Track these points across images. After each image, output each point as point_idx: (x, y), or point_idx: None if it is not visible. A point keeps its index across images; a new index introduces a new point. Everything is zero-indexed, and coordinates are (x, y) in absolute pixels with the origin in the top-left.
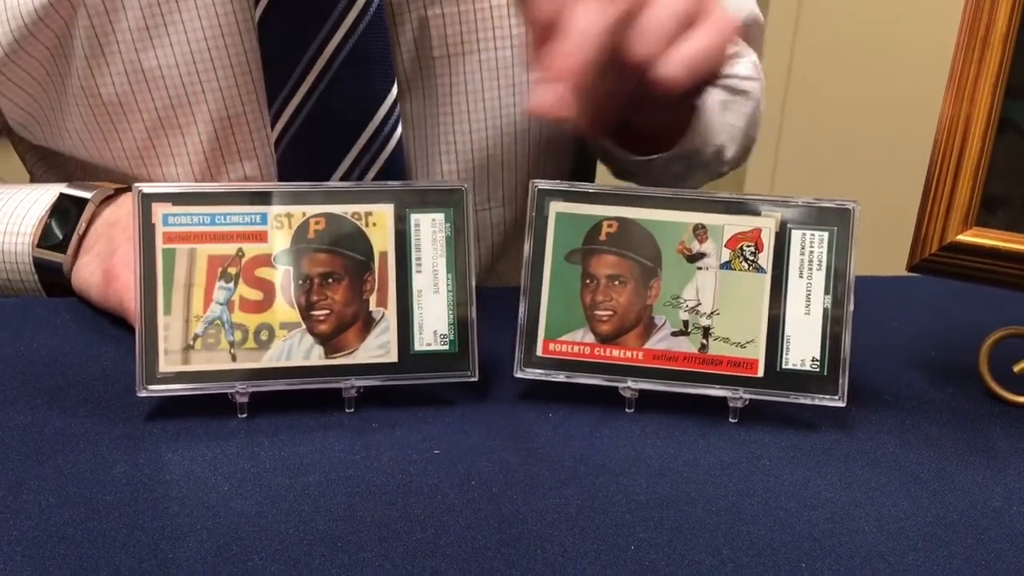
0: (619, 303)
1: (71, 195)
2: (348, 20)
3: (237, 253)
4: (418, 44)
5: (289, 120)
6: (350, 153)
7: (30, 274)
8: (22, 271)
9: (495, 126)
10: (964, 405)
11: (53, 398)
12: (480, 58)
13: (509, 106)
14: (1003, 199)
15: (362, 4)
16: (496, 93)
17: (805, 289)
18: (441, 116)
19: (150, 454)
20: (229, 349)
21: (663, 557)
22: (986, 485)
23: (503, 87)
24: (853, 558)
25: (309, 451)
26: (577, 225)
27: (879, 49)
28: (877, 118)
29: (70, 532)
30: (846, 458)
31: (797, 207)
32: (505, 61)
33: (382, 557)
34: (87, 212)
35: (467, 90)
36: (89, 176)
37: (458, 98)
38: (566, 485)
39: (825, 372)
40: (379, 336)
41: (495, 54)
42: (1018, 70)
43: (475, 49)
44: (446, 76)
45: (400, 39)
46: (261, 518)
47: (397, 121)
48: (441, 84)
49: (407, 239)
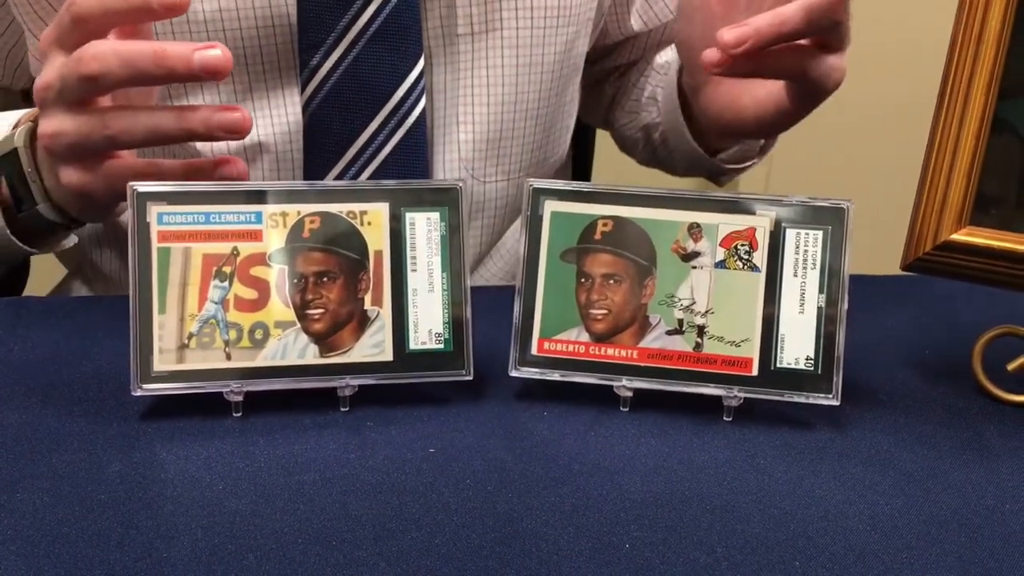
0: (614, 302)
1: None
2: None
3: (232, 252)
4: (444, 22)
5: (320, 84)
6: (375, 119)
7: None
8: None
9: (510, 101)
10: (958, 404)
11: (47, 397)
12: (503, 35)
13: (524, 83)
14: (997, 198)
15: None
16: (514, 70)
17: (799, 288)
18: (462, 89)
19: (145, 453)
20: (224, 348)
21: (658, 555)
22: (979, 483)
23: (520, 64)
24: (847, 556)
25: (304, 450)
26: (572, 224)
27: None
28: (871, 117)
29: (64, 531)
30: (840, 456)
31: (791, 206)
32: (524, 40)
33: (377, 556)
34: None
35: (487, 65)
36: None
37: (479, 72)
38: (561, 484)
39: (819, 371)
40: (374, 335)
41: (516, 33)
42: (1012, 70)
43: (498, 28)
44: (469, 52)
45: (428, 15)
46: (256, 517)
47: (422, 92)
48: (464, 59)
49: (402, 238)
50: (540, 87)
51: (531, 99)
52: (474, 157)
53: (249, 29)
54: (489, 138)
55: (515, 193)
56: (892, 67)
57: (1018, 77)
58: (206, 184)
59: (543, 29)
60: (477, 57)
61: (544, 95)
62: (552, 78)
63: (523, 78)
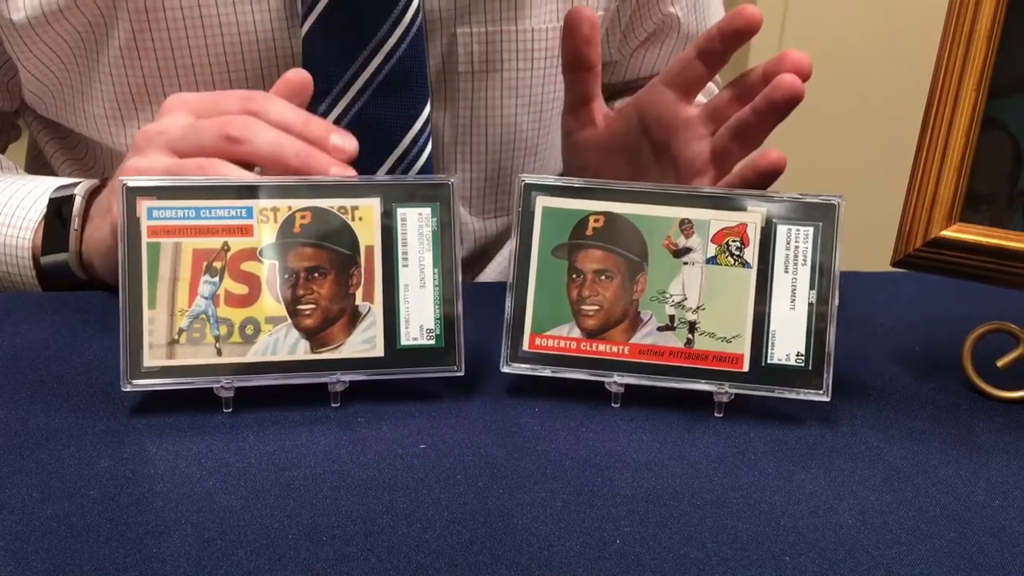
0: (605, 298)
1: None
2: (391, 41)
3: (223, 247)
4: (445, 59)
5: None
6: (383, 166)
7: (29, 271)
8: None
9: (509, 141)
10: (948, 400)
11: (36, 393)
12: (502, 77)
13: (524, 122)
14: (987, 195)
15: (405, 25)
16: (514, 110)
17: (790, 284)
18: (461, 128)
19: (134, 449)
20: (214, 343)
21: (648, 551)
22: (969, 479)
23: (520, 104)
24: (837, 551)
25: (294, 446)
26: (563, 220)
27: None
28: (862, 114)
29: (53, 527)
30: (830, 452)
31: (782, 202)
32: (524, 82)
33: (367, 551)
34: (78, 206)
35: (487, 106)
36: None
37: (478, 112)
38: (552, 479)
39: (810, 367)
40: (365, 331)
41: (516, 75)
42: (1002, 68)
43: (498, 69)
44: (469, 91)
45: (430, 52)
46: (246, 513)
47: (428, 137)
48: (464, 98)
49: (393, 233)
50: (540, 125)
51: (531, 136)
52: (472, 195)
53: (254, 71)
54: (487, 176)
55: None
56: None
57: (1008, 75)
58: (196, 179)
59: (543, 70)
60: (477, 97)
61: (544, 131)
62: (552, 115)
63: (522, 117)
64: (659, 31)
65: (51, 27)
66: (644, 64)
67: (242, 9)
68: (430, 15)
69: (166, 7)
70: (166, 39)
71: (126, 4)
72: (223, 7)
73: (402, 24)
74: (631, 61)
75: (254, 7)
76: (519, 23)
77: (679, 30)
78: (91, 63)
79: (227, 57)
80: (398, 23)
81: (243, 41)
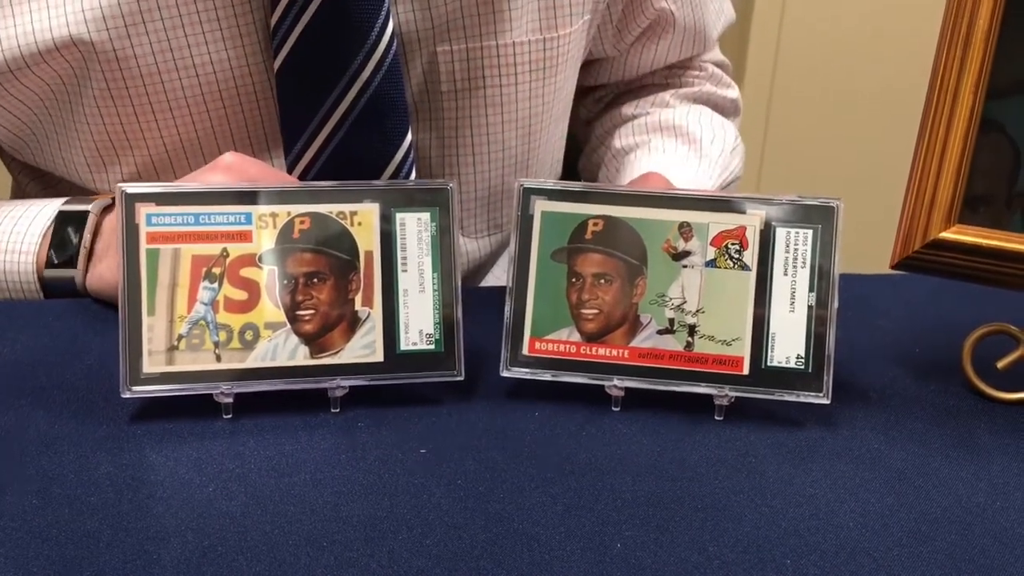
0: (605, 301)
1: (70, 211)
2: (365, 73)
3: (222, 253)
4: (427, 78)
5: (307, 166)
6: None
7: (35, 292)
8: (26, 290)
9: (497, 159)
10: (948, 401)
11: (37, 399)
12: (485, 94)
13: (511, 138)
14: (986, 197)
15: (379, 55)
16: (500, 128)
17: (790, 287)
18: (447, 147)
19: (134, 455)
20: (214, 349)
21: (649, 555)
22: (970, 481)
23: (506, 122)
24: (838, 554)
25: (295, 451)
26: (563, 224)
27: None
28: (861, 117)
29: (54, 533)
30: (831, 455)
31: (781, 205)
32: (508, 97)
33: (368, 557)
34: (90, 223)
35: (472, 124)
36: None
37: (463, 131)
38: (552, 484)
39: (810, 369)
40: (364, 336)
41: (500, 91)
42: (1000, 69)
43: (481, 86)
44: (453, 110)
45: (411, 72)
46: (246, 518)
47: (412, 164)
48: (448, 117)
49: (392, 238)
50: (529, 140)
51: (520, 152)
52: (463, 215)
53: (233, 107)
54: (477, 196)
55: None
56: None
57: (1006, 76)
58: (195, 185)
59: (528, 84)
60: (461, 116)
61: (534, 147)
62: (540, 130)
63: (509, 133)
64: (655, 26)
65: (19, 81)
66: (643, 60)
67: (215, 48)
68: (408, 35)
69: (138, 55)
70: (141, 86)
71: (96, 56)
72: (196, 48)
73: (376, 54)
74: (629, 58)
75: (227, 45)
76: (499, 38)
77: (675, 24)
78: (66, 113)
79: (204, 96)
80: (372, 54)
81: (219, 80)
